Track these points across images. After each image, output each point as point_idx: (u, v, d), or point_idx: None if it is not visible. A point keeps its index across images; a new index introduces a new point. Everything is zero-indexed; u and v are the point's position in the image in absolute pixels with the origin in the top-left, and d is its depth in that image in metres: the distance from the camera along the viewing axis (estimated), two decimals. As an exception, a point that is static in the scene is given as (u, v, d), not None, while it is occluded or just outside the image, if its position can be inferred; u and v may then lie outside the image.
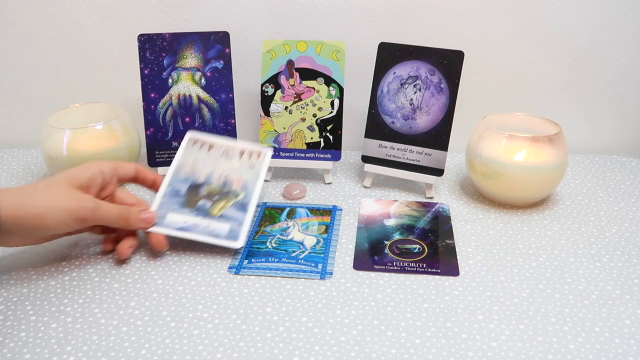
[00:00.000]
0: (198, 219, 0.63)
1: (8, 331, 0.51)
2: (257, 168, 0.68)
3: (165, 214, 0.63)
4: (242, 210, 0.64)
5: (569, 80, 0.85)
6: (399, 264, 0.60)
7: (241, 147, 0.70)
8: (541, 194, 0.71)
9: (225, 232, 0.62)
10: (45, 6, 0.83)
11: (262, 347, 0.49)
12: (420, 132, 0.73)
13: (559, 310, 0.53)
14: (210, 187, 0.66)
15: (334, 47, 0.75)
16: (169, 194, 0.65)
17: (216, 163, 0.68)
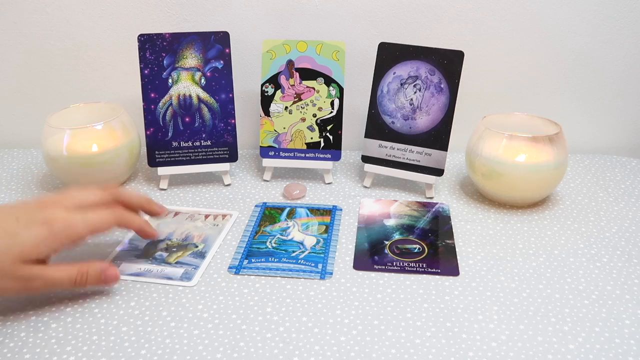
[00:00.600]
0: (152, 266, 0.60)
1: (8, 331, 0.51)
2: (221, 226, 0.68)
3: (119, 264, 0.61)
4: (200, 258, 0.62)
5: (569, 80, 0.85)
6: (399, 264, 0.60)
7: (207, 212, 0.71)
8: (541, 194, 0.71)
9: (179, 275, 0.59)
10: (45, 6, 0.83)
11: (262, 347, 0.49)
12: (420, 132, 0.73)
13: (559, 310, 0.53)
14: (170, 242, 0.65)
15: (334, 47, 0.75)
16: (126, 248, 0.64)
17: (179, 224, 0.68)
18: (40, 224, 0.50)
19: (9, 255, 0.48)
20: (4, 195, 0.76)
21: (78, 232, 0.51)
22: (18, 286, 0.49)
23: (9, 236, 0.49)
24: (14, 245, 0.48)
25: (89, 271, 0.51)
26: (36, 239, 0.49)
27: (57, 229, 0.50)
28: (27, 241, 0.49)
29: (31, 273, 0.49)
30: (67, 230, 0.51)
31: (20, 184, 0.79)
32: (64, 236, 0.51)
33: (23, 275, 0.49)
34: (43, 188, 0.77)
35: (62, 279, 0.51)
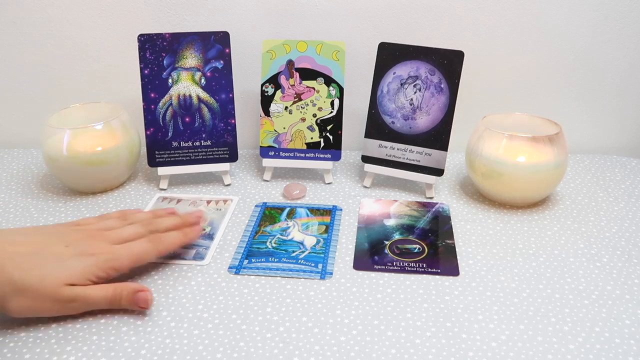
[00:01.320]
0: None
1: (8, 331, 0.51)
2: (224, 210, 0.71)
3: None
4: (209, 239, 0.65)
5: (569, 80, 0.85)
6: (399, 264, 0.60)
7: (208, 198, 0.73)
8: (541, 194, 0.71)
9: (192, 255, 0.62)
10: (45, 6, 0.83)
11: (262, 347, 0.49)
12: (420, 132, 0.73)
13: (559, 310, 0.53)
14: None
15: (334, 47, 0.75)
16: None
17: (184, 210, 0.71)
18: (88, 255, 0.53)
19: (55, 279, 0.50)
20: (4, 195, 0.76)
21: (122, 265, 0.54)
22: (58, 307, 0.51)
23: (57, 261, 0.51)
24: (61, 270, 0.51)
25: (122, 293, 0.53)
26: (83, 268, 0.52)
27: (103, 261, 0.53)
28: (74, 269, 0.51)
29: (71, 294, 0.51)
30: (111, 262, 0.54)
31: (20, 184, 0.79)
32: (109, 267, 0.53)
33: (64, 296, 0.51)
34: (43, 188, 0.78)
35: (100, 299, 0.52)
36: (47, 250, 0.52)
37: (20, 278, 0.49)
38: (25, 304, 0.50)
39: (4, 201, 0.74)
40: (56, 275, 0.50)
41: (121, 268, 0.54)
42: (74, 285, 0.51)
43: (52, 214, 0.71)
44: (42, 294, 0.50)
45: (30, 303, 0.50)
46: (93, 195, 0.75)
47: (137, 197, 0.75)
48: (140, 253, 0.56)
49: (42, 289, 0.50)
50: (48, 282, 0.50)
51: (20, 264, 0.50)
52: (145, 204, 0.73)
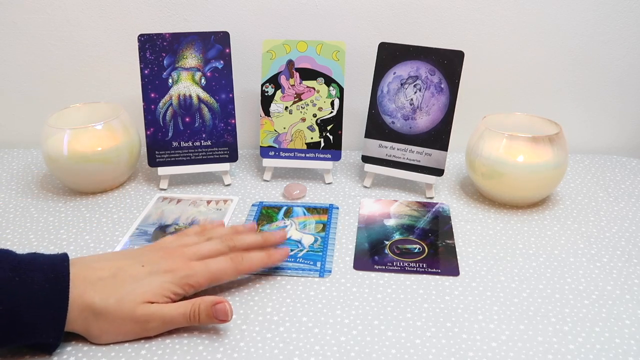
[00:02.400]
0: None
1: (8, 331, 0.51)
2: (224, 210, 0.71)
3: (132, 248, 0.63)
4: None
5: (569, 80, 0.85)
6: (399, 264, 0.60)
7: (208, 198, 0.74)
8: (541, 194, 0.71)
9: None
10: (45, 6, 0.83)
11: (262, 347, 0.49)
12: (420, 132, 0.73)
13: (559, 310, 0.53)
14: (178, 226, 0.68)
15: (334, 47, 0.75)
16: (136, 234, 0.66)
17: (183, 210, 0.71)
18: (164, 272, 0.52)
19: (132, 299, 0.49)
20: (4, 195, 0.76)
21: (199, 282, 0.53)
22: (137, 329, 0.50)
23: (134, 281, 0.50)
24: (137, 289, 0.50)
25: (200, 307, 0.51)
26: (159, 285, 0.51)
27: (179, 277, 0.52)
28: (150, 287, 0.50)
29: (148, 312, 0.50)
30: (188, 279, 0.52)
31: (20, 184, 0.79)
32: (185, 284, 0.52)
33: (141, 315, 0.49)
34: (43, 188, 0.78)
35: (177, 316, 0.50)
36: (124, 272, 0.51)
37: (99, 302, 0.48)
38: (105, 327, 0.49)
39: (4, 201, 0.74)
40: (133, 294, 0.49)
41: (198, 285, 0.53)
42: (150, 304, 0.50)
43: (52, 214, 0.71)
44: (120, 315, 0.49)
45: (110, 326, 0.49)
46: (93, 195, 0.75)
47: (137, 197, 0.75)
48: (219, 271, 0.54)
49: (120, 310, 0.49)
50: (125, 302, 0.49)
51: (99, 289, 0.49)
52: (145, 204, 0.73)
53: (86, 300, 0.48)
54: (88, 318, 0.48)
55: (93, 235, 0.66)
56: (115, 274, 0.51)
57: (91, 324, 0.49)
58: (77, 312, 0.48)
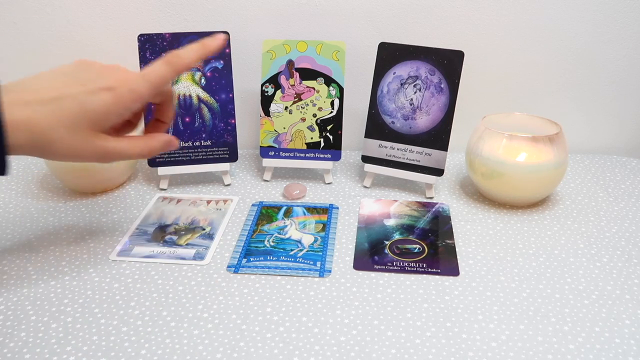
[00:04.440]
0: (164, 248, 0.63)
1: (8, 331, 0.51)
2: (224, 210, 0.71)
3: (131, 248, 0.64)
4: (209, 239, 0.65)
5: (568, 80, 0.85)
6: (399, 264, 0.60)
7: (208, 198, 0.74)
8: (541, 194, 0.71)
9: (192, 255, 0.62)
10: (45, 6, 0.83)
11: (262, 347, 0.49)
12: (420, 132, 0.73)
13: (559, 310, 0.53)
14: (178, 226, 0.68)
15: (334, 47, 0.75)
16: (135, 234, 0.66)
17: (184, 210, 0.71)
18: (106, 89, 0.50)
19: (83, 125, 0.49)
20: (4, 195, 0.76)
21: (141, 93, 0.51)
22: (97, 156, 0.51)
23: (79, 104, 0.49)
24: (85, 113, 0.49)
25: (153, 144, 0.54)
26: (105, 105, 0.49)
27: (121, 93, 0.50)
28: (97, 109, 0.49)
29: (107, 146, 0.50)
30: (131, 94, 0.51)
31: (20, 184, 0.79)
32: (129, 99, 0.51)
33: (101, 146, 0.50)
34: (43, 188, 0.78)
35: (134, 152, 0.53)
36: (67, 94, 0.49)
37: (49, 130, 0.47)
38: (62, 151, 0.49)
39: (4, 201, 0.74)
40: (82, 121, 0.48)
41: (141, 98, 0.51)
42: (107, 137, 0.50)
43: (52, 214, 0.71)
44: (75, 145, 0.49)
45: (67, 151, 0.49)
46: (93, 195, 0.75)
47: (137, 197, 0.75)
48: (158, 76, 0.52)
49: (74, 140, 0.48)
50: (79, 133, 0.49)
51: (46, 114, 0.47)
52: (145, 204, 0.73)
53: (34, 126, 0.47)
54: (42, 145, 0.47)
55: (93, 235, 0.66)
56: (58, 96, 0.48)
57: (47, 149, 0.48)
58: (25, 139, 0.46)
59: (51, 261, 0.62)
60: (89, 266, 0.61)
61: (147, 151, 0.54)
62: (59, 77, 0.51)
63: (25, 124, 0.46)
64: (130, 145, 0.53)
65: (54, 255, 0.63)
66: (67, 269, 0.60)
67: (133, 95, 0.51)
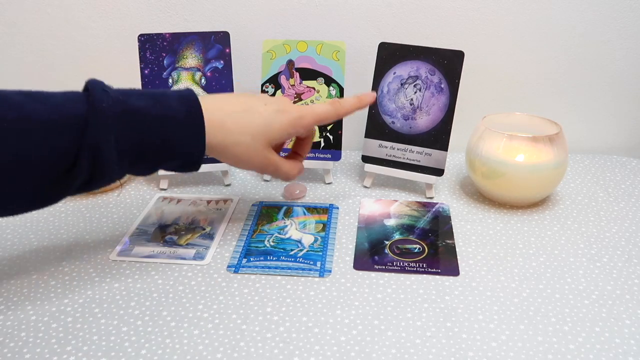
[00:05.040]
0: (165, 248, 0.63)
1: (8, 331, 0.51)
2: (224, 210, 0.71)
3: (132, 248, 0.64)
4: (209, 239, 0.65)
5: (568, 80, 0.85)
6: (399, 264, 0.60)
7: (208, 198, 0.74)
8: (541, 194, 0.71)
9: (192, 255, 0.62)
10: (45, 6, 0.83)
11: (262, 347, 0.49)
12: (420, 132, 0.73)
13: (559, 310, 0.53)
14: (178, 226, 0.68)
15: (334, 47, 0.75)
16: (135, 234, 0.66)
17: (184, 210, 0.71)
18: (282, 111, 0.59)
19: (264, 137, 0.58)
20: (4, 195, 0.76)
21: (308, 122, 0.61)
22: (262, 166, 0.60)
23: (264, 119, 0.58)
24: (267, 127, 0.58)
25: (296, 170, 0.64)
26: (282, 125, 0.59)
27: (294, 118, 0.60)
28: (277, 126, 0.59)
29: (273, 159, 0.60)
30: (300, 120, 0.60)
31: (20, 184, 0.79)
32: (299, 125, 0.60)
33: (268, 158, 0.59)
34: (43, 188, 0.77)
35: (287, 170, 0.62)
36: (253, 108, 0.58)
37: (239, 134, 0.56)
38: (242, 155, 0.58)
39: (4, 201, 0.74)
40: (265, 134, 0.58)
41: (308, 125, 0.61)
42: (274, 152, 0.60)
43: (52, 214, 0.71)
44: (254, 152, 0.58)
45: (245, 156, 0.58)
46: (93, 196, 0.75)
47: (137, 197, 0.75)
48: (323, 113, 0.62)
49: (254, 147, 0.58)
50: (259, 141, 0.58)
51: (235, 120, 0.57)
52: (145, 204, 0.73)
53: (227, 129, 0.56)
54: (228, 146, 0.56)
55: (93, 235, 0.66)
56: (246, 109, 0.58)
57: (229, 148, 0.56)
58: (219, 139, 0.55)
59: (51, 261, 0.62)
60: (89, 266, 0.61)
61: (294, 172, 0.63)
62: (242, 96, 0.61)
63: (221, 125, 0.55)
64: (287, 163, 0.62)
65: (54, 255, 0.63)
66: (67, 269, 0.60)
67: (302, 122, 0.60)
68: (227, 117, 0.56)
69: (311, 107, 0.62)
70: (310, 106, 0.62)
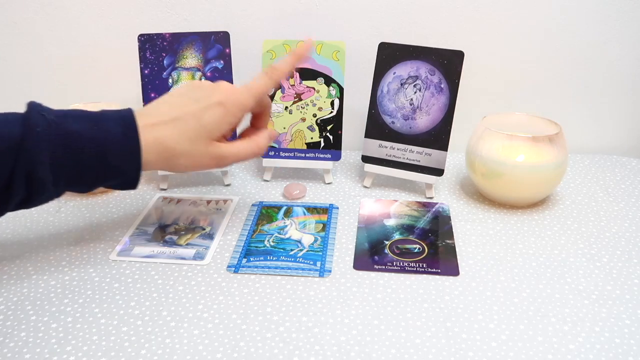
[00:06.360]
0: (164, 248, 0.64)
1: (8, 331, 0.51)
2: (224, 210, 0.71)
3: (131, 248, 0.64)
4: (209, 239, 0.65)
5: (569, 80, 0.85)
6: (399, 264, 0.60)
7: (208, 198, 0.74)
8: (541, 194, 0.71)
9: (192, 255, 0.62)
10: (45, 6, 0.83)
11: (262, 347, 0.49)
12: (420, 132, 0.73)
13: (559, 310, 0.53)
14: (178, 226, 0.68)
15: (334, 47, 0.75)
16: (135, 234, 0.66)
17: (184, 210, 0.71)
18: (217, 104, 0.57)
19: (202, 137, 0.56)
20: (4, 195, 0.76)
21: (247, 104, 0.59)
22: (215, 162, 0.58)
23: (196, 119, 0.56)
24: (202, 127, 0.56)
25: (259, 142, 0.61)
26: (215, 120, 0.57)
27: (230, 106, 0.58)
28: (211, 122, 0.57)
29: (223, 152, 0.58)
30: (238, 106, 0.58)
31: (20, 184, 0.79)
32: (237, 111, 0.59)
33: (217, 153, 0.58)
34: (43, 188, 0.77)
35: (247, 152, 0.60)
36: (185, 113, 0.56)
37: (175, 144, 0.55)
38: (186, 163, 0.57)
39: (4, 201, 0.74)
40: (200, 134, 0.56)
41: (247, 109, 0.60)
42: (221, 144, 0.58)
43: (52, 214, 0.71)
44: (197, 154, 0.57)
45: (190, 162, 0.57)
46: (93, 196, 0.75)
47: (137, 197, 0.75)
48: (258, 87, 0.60)
49: (196, 150, 0.56)
50: (198, 143, 0.56)
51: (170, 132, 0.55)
52: (145, 204, 0.73)
53: (162, 144, 0.55)
54: (168, 158, 0.56)
55: (93, 235, 0.66)
56: (178, 116, 0.56)
57: (172, 161, 0.56)
58: (155, 155, 0.55)
59: (51, 261, 0.62)
60: (89, 266, 0.61)
61: (257, 149, 0.61)
62: (176, 99, 0.59)
63: (154, 143, 0.54)
64: (242, 148, 0.60)
65: (54, 255, 0.63)
66: (67, 269, 0.60)
67: (240, 107, 0.59)
68: (163, 131, 0.55)
69: (246, 86, 0.60)
70: (245, 86, 0.60)
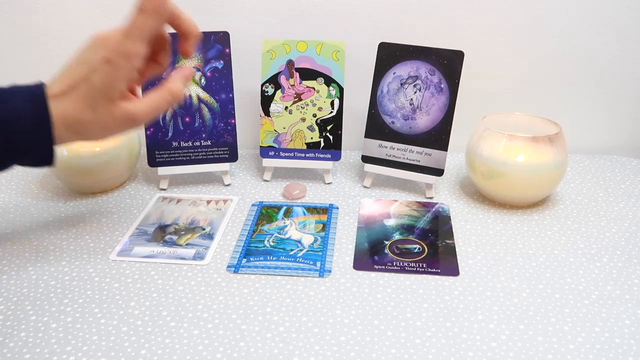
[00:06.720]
0: (164, 248, 0.64)
1: (8, 331, 0.51)
2: (224, 210, 0.71)
3: (131, 248, 0.64)
4: (209, 239, 0.65)
5: (568, 80, 0.85)
6: (399, 264, 0.60)
7: (208, 198, 0.74)
8: (541, 194, 0.71)
9: (192, 255, 0.62)
10: (45, 6, 0.83)
11: (262, 347, 0.49)
12: (420, 132, 0.73)
13: (559, 310, 0.53)
14: (178, 226, 0.68)
15: (334, 47, 0.75)
16: (135, 234, 0.66)
17: (183, 210, 0.71)
18: (103, 62, 0.53)
19: (100, 100, 0.52)
20: (4, 195, 0.76)
21: (134, 51, 0.53)
22: (127, 123, 0.54)
23: (88, 84, 0.53)
24: (95, 90, 0.52)
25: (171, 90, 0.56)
26: (107, 77, 0.53)
27: (117, 61, 0.53)
28: (103, 82, 0.52)
29: (130, 110, 0.53)
30: (125, 56, 0.53)
31: (20, 184, 0.79)
32: (126, 62, 0.53)
33: (124, 113, 0.53)
34: (43, 188, 0.78)
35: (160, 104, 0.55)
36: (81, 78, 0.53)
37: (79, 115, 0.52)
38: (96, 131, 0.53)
39: (4, 201, 0.74)
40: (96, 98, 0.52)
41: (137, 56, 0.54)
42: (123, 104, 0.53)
43: (52, 214, 0.71)
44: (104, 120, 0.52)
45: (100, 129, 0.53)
46: (93, 195, 0.75)
47: (137, 197, 0.75)
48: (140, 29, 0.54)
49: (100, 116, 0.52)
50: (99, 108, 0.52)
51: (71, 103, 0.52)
52: (145, 204, 0.73)
53: (67, 117, 0.51)
54: (78, 130, 0.52)
55: (93, 235, 0.66)
56: (73, 84, 0.53)
57: (83, 133, 0.53)
58: (65, 129, 0.51)
59: (51, 261, 0.62)
60: (89, 266, 0.61)
61: (170, 96, 0.56)
62: (74, 64, 0.55)
63: (61, 117, 0.51)
64: (153, 100, 0.55)
65: (54, 255, 0.63)
66: (67, 269, 0.60)
67: (127, 57, 0.53)
68: (64, 103, 0.52)
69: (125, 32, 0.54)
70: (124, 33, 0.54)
